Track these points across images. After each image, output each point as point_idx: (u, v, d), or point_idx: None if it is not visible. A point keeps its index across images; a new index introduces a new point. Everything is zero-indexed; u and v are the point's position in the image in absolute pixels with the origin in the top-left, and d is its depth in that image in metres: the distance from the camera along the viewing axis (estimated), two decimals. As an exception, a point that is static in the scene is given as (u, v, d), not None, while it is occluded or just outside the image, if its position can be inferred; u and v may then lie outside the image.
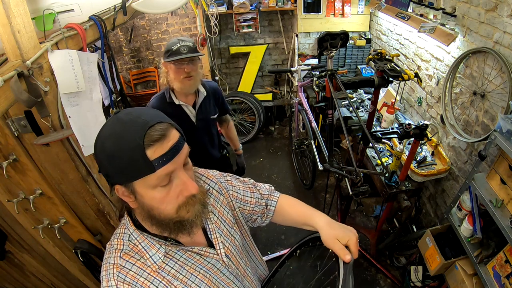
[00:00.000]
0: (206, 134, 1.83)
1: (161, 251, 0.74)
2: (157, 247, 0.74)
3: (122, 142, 0.62)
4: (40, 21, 1.09)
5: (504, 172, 1.38)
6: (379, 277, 2.32)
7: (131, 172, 0.64)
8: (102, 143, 0.65)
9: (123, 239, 0.74)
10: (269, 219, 1.06)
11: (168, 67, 1.61)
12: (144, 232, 0.75)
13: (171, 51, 1.55)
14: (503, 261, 1.38)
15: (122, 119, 0.65)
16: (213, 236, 0.85)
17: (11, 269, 1.35)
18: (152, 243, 0.74)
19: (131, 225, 0.75)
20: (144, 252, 0.73)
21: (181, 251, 0.77)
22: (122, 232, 0.75)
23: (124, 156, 0.62)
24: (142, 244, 0.74)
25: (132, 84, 4.04)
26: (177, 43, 1.55)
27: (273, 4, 3.45)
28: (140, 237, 0.74)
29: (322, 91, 2.60)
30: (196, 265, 0.79)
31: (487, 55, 1.68)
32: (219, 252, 0.84)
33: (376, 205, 2.86)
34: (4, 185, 1.03)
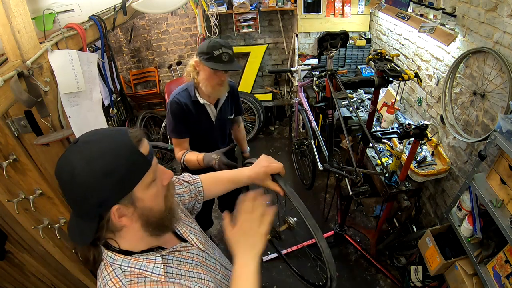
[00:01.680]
0: (221, 134, 1.86)
1: (158, 260, 0.73)
2: (153, 259, 0.72)
3: (116, 153, 0.63)
4: (40, 21, 1.09)
5: (504, 172, 1.38)
6: (379, 277, 2.32)
7: (133, 176, 0.65)
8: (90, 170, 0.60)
9: (117, 276, 0.68)
10: (202, 199, 1.10)
11: (201, 67, 1.55)
12: (132, 255, 0.71)
13: (211, 55, 1.49)
14: (503, 261, 1.38)
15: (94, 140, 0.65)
16: (182, 231, 0.88)
17: (11, 269, 1.35)
18: (147, 258, 0.72)
19: (117, 256, 0.70)
20: (144, 272, 0.70)
21: (170, 254, 0.78)
22: (111, 270, 0.69)
23: (123, 164, 0.63)
24: (137, 266, 0.70)
25: (132, 84, 4.04)
26: (218, 48, 1.49)
27: (273, 4, 3.45)
28: (132, 260, 0.70)
29: (322, 91, 2.60)
30: (186, 261, 0.80)
31: (487, 55, 1.68)
32: (193, 242, 0.87)
33: (376, 205, 2.86)
34: (4, 185, 1.03)
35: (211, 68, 1.50)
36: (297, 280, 2.34)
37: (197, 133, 1.70)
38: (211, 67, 1.50)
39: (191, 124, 1.66)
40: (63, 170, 0.62)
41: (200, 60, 1.52)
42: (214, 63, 1.49)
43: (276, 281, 2.36)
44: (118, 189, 0.63)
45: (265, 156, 1.06)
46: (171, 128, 1.65)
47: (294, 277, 2.35)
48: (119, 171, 0.62)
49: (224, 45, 1.51)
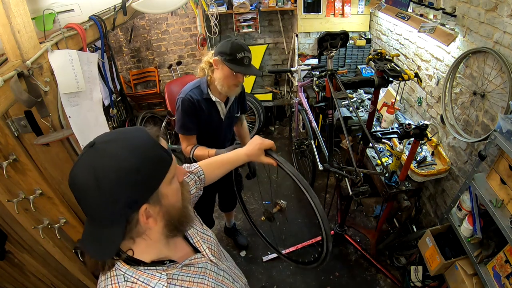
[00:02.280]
0: (229, 131, 1.90)
1: (163, 279, 0.70)
2: (158, 277, 0.70)
3: (141, 149, 0.62)
4: (40, 21, 1.09)
5: (504, 172, 1.38)
6: (379, 277, 2.32)
7: (159, 173, 0.64)
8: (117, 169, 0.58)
9: (118, 283, 0.66)
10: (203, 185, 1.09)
11: (221, 66, 1.55)
12: (139, 267, 0.70)
13: (234, 57, 1.50)
14: (503, 261, 1.38)
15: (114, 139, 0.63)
16: (195, 240, 0.87)
17: (11, 269, 1.35)
18: (152, 274, 0.70)
19: (123, 265, 0.68)
20: (145, 286, 0.68)
21: (178, 270, 0.76)
22: (114, 274, 0.67)
23: (150, 160, 0.62)
24: (140, 279, 0.68)
25: (132, 84, 4.04)
26: (242, 51, 1.51)
27: (273, 4, 3.45)
28: (137, 272, 0.68)
29: (322, 91, 2.60)
30: (193, 277, 0.78)
31: (487, 55, 1.68)
32: (205, 253, 0.86)
33: (376, 205, 2.86)
34: (4, 185, 1.03)
35: (234, 70, 1.52)
36: (297, 280, 2.35)
37: (206, 130, 1.72)
38: (233, 69, 1.51)
39: (201, 121, 1.67)
40: (84, 176, 0.58)
41: (221, 60, 1.52)
42: (237, 66, 1.51)
43: (276, 281, 2.36)
44: (147, 187, 0.62)
45: (257, 136, 1.17)
46: (181, 124, 1.66)
47: (294, 277, 2.36)
48: (147, 167, 0.61)
49: (246, 49, 1.53)
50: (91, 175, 0.57)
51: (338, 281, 2.32)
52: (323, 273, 2.39)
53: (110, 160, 0.59)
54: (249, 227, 2.81)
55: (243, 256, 2.55)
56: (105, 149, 0.60)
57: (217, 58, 1.54)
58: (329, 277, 2.35)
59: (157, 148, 0.64)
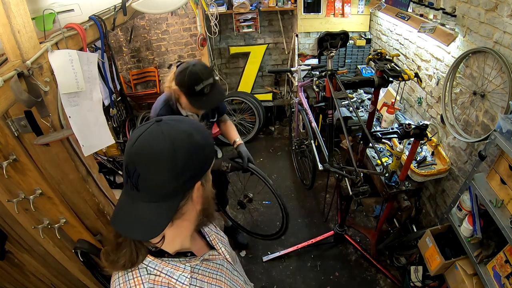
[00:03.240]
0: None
1: (187, 270, 0.71)
2: (182, 268, 0.71)
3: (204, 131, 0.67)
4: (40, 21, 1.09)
5: (504, 172, 1.38)
6: (379, 277, 2.32)
7: (212, 154, 0.69)
8: (190, 142, 0.62)
9: (141, 277, 0.65)
10: None
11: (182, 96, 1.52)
12: (163, 258, 0.70)
13: (192, 90, 1.45)
14: (503, 261, 1.38)
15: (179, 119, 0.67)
16: (211, 238, 0.89)
17: (11, 269, 1.35)
18: (176, 265, 0.70)
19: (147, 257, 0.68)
20: (169, 278, 0.68)
21: (199, 264, 0.76)
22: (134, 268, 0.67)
23: (209, 142, 0.68)
24: (164, 271, 0.68)
25: (132, 84, 4.04)
26: (200, 82, 1.44)
27: (273, 4, 3.45)
28: (161, 264, 0.68)
29: (322, 91, 2.60)
30: (212, 272, 0.79)
31: (487, 55, 1.68)
32: (221, 251, 0.87)
33: (376, 205, 2.86)
34: (4, 185, 1.03)
35: (193, 106, 1.51)
36: (297, 280, 2.35)
37: None
38: (193, 105, 1.50)
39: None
40: (163, 144, 0.60)
41: (181, 91, 1.50)
42: (196, 99, 1.48)
43: (276, 281, 2.36)
44: (205, 164, 0.67)
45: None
46: None
47: (294, 277, 2.36)
48: (208, 146, 0.66)
49: (205, 76, 1.46)
50: (170, 145, 0.60)
51: (338, 281, 2.32)
52: (323, 273, 2.39)
53: (184, 134, 0.62)
54: (249, 227, 2.82)
55: (243, 256, 2.55)
56: (177, 125, 0.64)
57: (177, 88, 1.50)
58: (329, 277, 2.35)
59: (210, 135, 0.73)
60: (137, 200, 0.62)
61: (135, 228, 0.62)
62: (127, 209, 0.64)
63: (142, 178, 0.60)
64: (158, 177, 0.60)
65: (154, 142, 0.60)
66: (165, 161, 0.60)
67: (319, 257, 2.50)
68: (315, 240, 2.55)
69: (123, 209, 0.65)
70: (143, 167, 0.60)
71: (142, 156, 0.60)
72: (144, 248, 0.68)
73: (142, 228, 0.62)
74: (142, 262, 0.67)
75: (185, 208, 0.67)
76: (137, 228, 0.62)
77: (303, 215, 2.89)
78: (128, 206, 0.64)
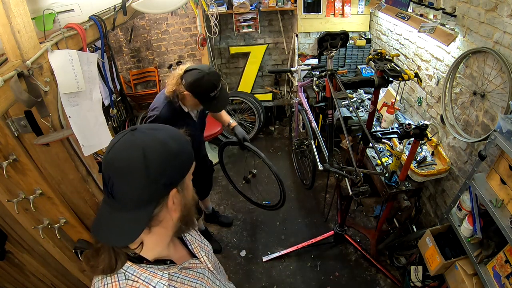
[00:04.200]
0: (201, 126, 2.05)
1: (164, 277, 0.71)
2: (160, 275, 0.71)
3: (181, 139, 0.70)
4: (40, 21, 1.09)
5: (504, 172, 1.38)
6: (379, 277, 2.32)
7: (189, 162, 0.71)
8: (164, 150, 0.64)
9: (118, 281, 0.66)
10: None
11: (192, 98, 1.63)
12: (141, 264, 0.71)
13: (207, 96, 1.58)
14: (503, 261, 1.38)
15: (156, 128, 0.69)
16: (193, 246, 0.89)
17: (11, 269, 1.35)
18: (154, 272, 0.71)
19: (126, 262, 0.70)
20: (147, 285, 0.69)
21: (177, 272, 0.77)
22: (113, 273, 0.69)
23: (186, 149, 0.70)
24: (142, 277, 0.69)
25: (132, 84, 4.04)
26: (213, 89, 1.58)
27: (273, 4, 3.45)
28: (139, 270, 0.69)
29: (322, 91, 2.60)
30: (191, 281, 0.79)
31: (487, 55, 1.68)
32: (203, 260, 0.87)
33: (376, 205, 2.86)
34: (4, 185, 1.03)
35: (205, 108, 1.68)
36: (297, 280, 2.35)
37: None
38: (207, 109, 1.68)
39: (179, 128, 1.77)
40: (134, 154, 0.61)
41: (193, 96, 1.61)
42: (209, 104, 1.64)
43: (276, 281, 2.36)
44: (180, 172, 0.68)
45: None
46: None
47: (294, 277, 2.36)
48: (183, 155, 0.68)
49: (218, 84, 1.60)
50: (140, 154, 0.61)
51: (338, 281, 2.32)
52: (323, 273, 2.39)
53: (157, 143, 0.64)
54: (249, 227, 2.82)
55: (243, 256, 2.55)
56: (150, 134, 0.65)
57: (189, 93, 1.61)
58: (329, 277, 2.35)
59: (189, 143, 0.72)
60: (113, 207, 0.65)
61: (111, 235, 0.64)
62: (105, 217, 0.66)
63: (116, 186, 0.62)
64: (131, 186, 0.62)
65: (126, 151, 0.62)
66: (137, 170, 0.61)
67: (319, 257, 2.50)
68: (315, 240, 2.55)
69: (102, 216, 0.67)
70: (116, 176, 0.62)
71: (115, 165, 0.62)
72: (123, 254, 0.69)
73: (118, 235, 0.64)
74: (121, 267, 0.68)
75: (161, 215, 0.68)
76: (113, 235, 0.64)
77: (303, 215, 2.89)
78: (106, 214, 0.66)
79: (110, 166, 0.63)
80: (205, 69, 1.58)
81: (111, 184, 0.62)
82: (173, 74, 1.66)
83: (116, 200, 0.64)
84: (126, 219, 0.64)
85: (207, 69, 1.60)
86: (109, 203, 0.65)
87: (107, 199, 0.65)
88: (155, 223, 0.68)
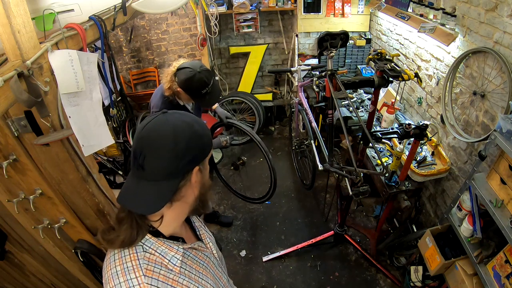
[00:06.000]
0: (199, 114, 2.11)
1: (179, 252, 0.76)
2: (175, 249, 0.76)
3: (203, 124, 0.77)
4: (40, 21, 1.09)
5: (504, 172, 1.38)
6: (379, 277, 2.32)
7: (210, 145, 0.78)
8: (190, 130, 0.71)
9: (137, 253, 0.71)
10: None
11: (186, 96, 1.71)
12: (159, 237, 0.75)
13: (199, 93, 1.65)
14: (503, 261, 1.38)
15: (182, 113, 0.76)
16: (201, 232, 0.94)
17: (11, 269, 1.35)
18: (171, 246, 0.76)
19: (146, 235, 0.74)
20: (162, 258, 0.73)
21: (189, 250, 0.82)
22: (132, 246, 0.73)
23: (207, 133, 0.77)
24: (158, 251, 0.73)
25: (132, 84, 4.04)
26: (205, 87, 1.64)
27: (273, 4, 3.45)
28: (157, 243, 0.74)
29: (322, 91, 2.60)
30: (199, 261, 0.84)
31: (487, 55, 1.68)
32: (209, 246, 0.91)
33: (376, 205, 2.86)
34: (4, 185, 1.03)
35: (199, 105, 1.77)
36: (297, 280, 2.35)
37: None
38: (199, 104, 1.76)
39: None
40: (166, 130, 0.69)
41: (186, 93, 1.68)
42: (201, 100, 1.70)
43: (276, 281, 2.36)
44: (204, 151, 0.75)
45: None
46: None
47: (294, 277, 2.36)
48: (206, 137, 0.75)
49: (209, 81, 1.66)
50: (171, 132, 0.69)
51: (338, 281, 2.32)
52: (323, 273, 2.39)
53: (185, 124, 0.71)
54: (249, 227, 2.82)
55: (243, 256, 2.55)
56: (179, 117, 0.73)
57: (181, 90, 1.68)
58: (329, 277, 2.35)
59: (207, 128, 0.79)
60: (142, 179, 0.70)
61: (138, 203, 0.69)
62: (133, 188, 0.71)
63: (148, 159, 0.68)
64: (161, 158, 0.68)
65: (159, 128, 0.70)
66: (167, 144, 0.68)
67: (319, 257, 2.50)
68: (315, 240, 2.55)
69: (129, 187, 0.72)
70: (148, 150, 0.68)
71: (148, 140, 0.69)
72: (145, 227, 0.73)
73: (144, 203, 0.69)
74: (141, 240, 0.72)
75: (184, 190, 0.73)
76: (140, 203, 0.69)
77: (303, 215, 2.89)
78: (133, 185, 0.71)
79: (144, 141, 0.69)
80: (197, 68, 1.64)
81: (143, 157, 0.68)
82: (167, 71, 1.73)
83: (146, 172, 0.69)
84: (154, 189, 0.69)
85: (198, 67, 1.65)
86: (138, 175, 0.71)
87: (136, 171, 0.71)
88: (177, 198, 0.73)
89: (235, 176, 2.81)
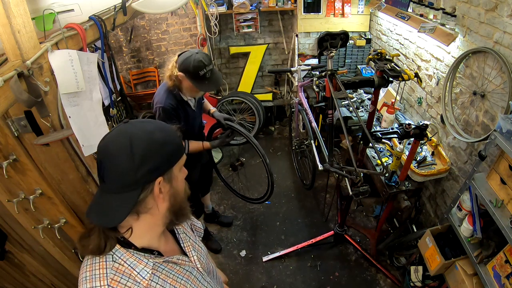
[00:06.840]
0: (200, 115, 2.16)
1: (149, 265, 0.74)
2: (145, 262, 0.74)
3: (170, 131, 0.74)
4: (40, 21, 1.09)
5: (504, 172, 1.38)
6: (379, 277, 2.32)
7: (178, 154, 0.75)
8: (149, 138, 0.69)
9: (106, 261, 0.70)
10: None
11: (185, 81, 1.72)
12: (129, 249, 0.74)
13: (197, 74, 1.66)
14: (503, 261, 1.38)
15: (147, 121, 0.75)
16: (185, 244, 0.90)
17: (11, 269, 1.35)
18: (140, 258, 0.74)
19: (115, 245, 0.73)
20: (131, 270, 0.72)
21: (163, 263, 0.79)
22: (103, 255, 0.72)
23: (174, 141, 0.74)
24: (128, 262, 0.72)
25: (132, 84, 4.04)
26: (203, 68, 1.66)
27: (273, 4, 3.45)
28: (126, 254, 0.73)
29: (322, 91, 2.60)
30: (177, 276, 0.81)
31: (487, 55, 1.68)
32: (193, 259, 0.88)
33: (376, 205, 2.86)
34: (4, 185, 1.03)
35: (197, 88, 1.73)
36: (297, 280, 2.35)
37: (186, 123, 1.92)
38: (198, 88, 1.73)
39: (181, 118, 1.86)
40: (120, 141, 0.67)
41: (185, 76, 1.69)
42: (200, 84, 1.71)
43: (276, 281, 2.36)
44: (167, 161, 0.72)
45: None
46: None
47: (294, 277, 2.36)
48: (170, 145, 0.72)
49: (207, 62, 1.69)
50: (127, 141, 0.67)
51: (338, 281, 2.32)
52: (323, 273, 2.39)
53: (143, 132, 0.69)
54: (249, 227, 2.82)
55: (243, 256, 2.56)
56: (140, 125, 0.71)
57: (181, 74, 1.70)
58: (329, 277, 2.35)
59: (177, 136, 0.76)
60: (104, 191, 0.71)
61: (100, 216, 0.70)
62: (97, 200, 0.72)
63: (106, 170, 0.68)
64: (118, 170, 0.67)
65: (116, 138, 0.69)
66: (123, 155, 0.66)
67: (319, 257, 2.50)
68: (315, 240, 2.55)
69: (94, 199, 0.73)
70: (106, 161, 0.68)
71: (106, 151, 0.68)
72: (113, 238, 0.73)
73: (105, 216, 0.69)
74: (110, 250, 0.72)
75: (149, 202, 0.72)
76: (101, 216, 0.69)
77: (303, 215, 2.89)
78: (97, 198, 0.72)
79: (102, 152, 0.69)
80: (195, 51, 1.72)
81: (103, 169, 0.68)
82: (170, 60, 1.79)
83: (106, 184, 0.69)
84: (113, 202, 0.68)
85: (196, 50, 1.72)
86: (101, 188, 0.71)
87: (100, 184, 0.71)
88: (143, 210, 0.72)
89: (234, 176, 2.80)
